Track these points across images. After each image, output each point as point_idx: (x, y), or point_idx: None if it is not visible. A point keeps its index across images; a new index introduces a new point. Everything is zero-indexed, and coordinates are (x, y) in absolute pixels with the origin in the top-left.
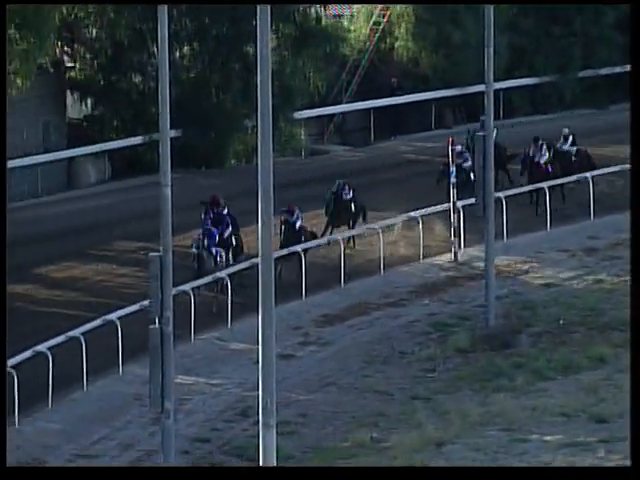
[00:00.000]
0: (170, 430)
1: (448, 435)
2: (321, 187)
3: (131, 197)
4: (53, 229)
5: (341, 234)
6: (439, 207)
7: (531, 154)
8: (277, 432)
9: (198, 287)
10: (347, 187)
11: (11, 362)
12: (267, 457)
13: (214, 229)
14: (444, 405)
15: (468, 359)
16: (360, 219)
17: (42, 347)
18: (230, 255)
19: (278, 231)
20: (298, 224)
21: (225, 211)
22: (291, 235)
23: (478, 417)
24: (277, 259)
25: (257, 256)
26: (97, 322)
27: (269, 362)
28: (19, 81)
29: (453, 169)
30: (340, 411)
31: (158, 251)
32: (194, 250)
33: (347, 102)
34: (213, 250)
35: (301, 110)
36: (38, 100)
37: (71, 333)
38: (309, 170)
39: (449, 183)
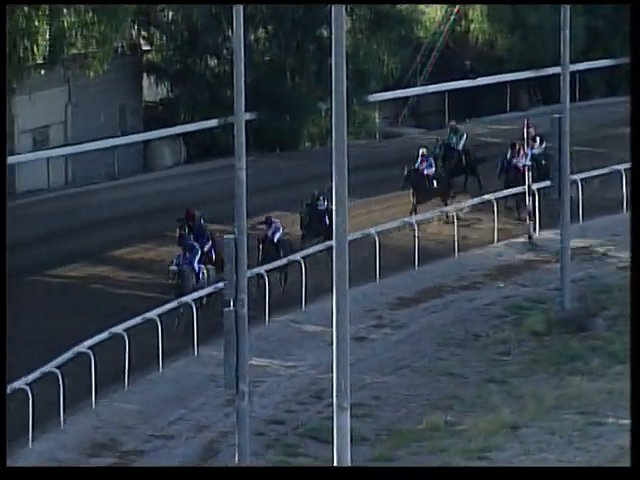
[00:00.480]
0: (245, 411)
1: (523, 418)
2: (395, 170)
3: (206, 180)
4: (130, 211)
5: (411, 218)
6: (514, 190)
7: (508, 157)
8: (351, 414)
9: (271, 270)
10: (322, 198)
11: (88, 343)
12: (341, 439)
13: (196, 244)
14: (519, 388)
15: (543, 342)
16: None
17: (118, 328)
18: (212, 271)
19: (256, 246)
20: (277, 237)
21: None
22: (270, 250)
23: (553, 400)
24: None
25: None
26: (173, 304)
27: (343, 344)
28: (96, 64)
29: (529, 151)
30: (414, 394)
31: (233, 234)
32: (174, 268)
33: (421, 85)
34: (195, 266)
35: (375, 93)
36: (115, 83)
37: (147, 315)
38: (383, 153)
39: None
